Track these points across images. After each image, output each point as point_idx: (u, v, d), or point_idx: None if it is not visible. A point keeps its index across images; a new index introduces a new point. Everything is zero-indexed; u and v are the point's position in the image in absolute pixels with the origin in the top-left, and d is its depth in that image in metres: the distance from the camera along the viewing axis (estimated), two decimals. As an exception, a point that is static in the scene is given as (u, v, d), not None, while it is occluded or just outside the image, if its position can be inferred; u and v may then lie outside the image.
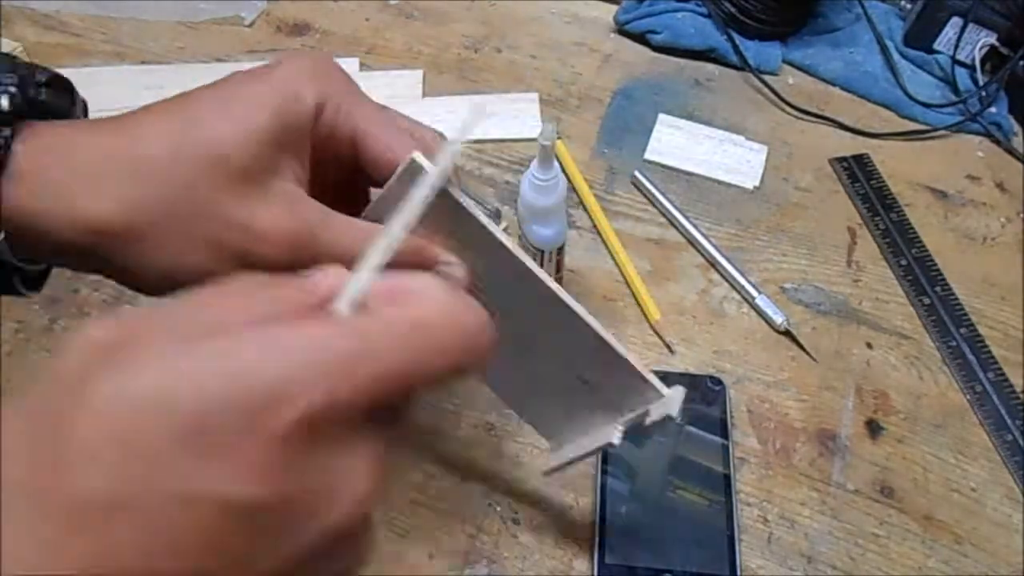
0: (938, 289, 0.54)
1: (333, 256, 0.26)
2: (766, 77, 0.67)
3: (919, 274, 0.55)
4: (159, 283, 0.27)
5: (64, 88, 0.31)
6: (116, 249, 0.27)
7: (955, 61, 0.67)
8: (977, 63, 0.66)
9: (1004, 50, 0.65)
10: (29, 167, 0.26)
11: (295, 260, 0.27)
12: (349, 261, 0.23)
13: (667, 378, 0.48)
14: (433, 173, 0.25)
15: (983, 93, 0.66)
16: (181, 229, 0.27)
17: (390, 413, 0.20)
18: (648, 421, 0.32)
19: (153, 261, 0.27)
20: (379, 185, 0.30)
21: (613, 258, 0.55)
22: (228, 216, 0.27)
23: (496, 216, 0.56)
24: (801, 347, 0.52)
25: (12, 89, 0.27)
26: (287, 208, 0.28)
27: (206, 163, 0.27)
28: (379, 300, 0.21)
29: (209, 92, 0.28)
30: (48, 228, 0.27)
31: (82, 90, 0.71)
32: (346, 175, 0.31)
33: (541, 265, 0.48)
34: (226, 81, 0.29)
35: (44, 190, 0.27)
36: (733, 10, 0.69)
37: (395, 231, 0.22)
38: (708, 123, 0.64)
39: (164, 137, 0.27)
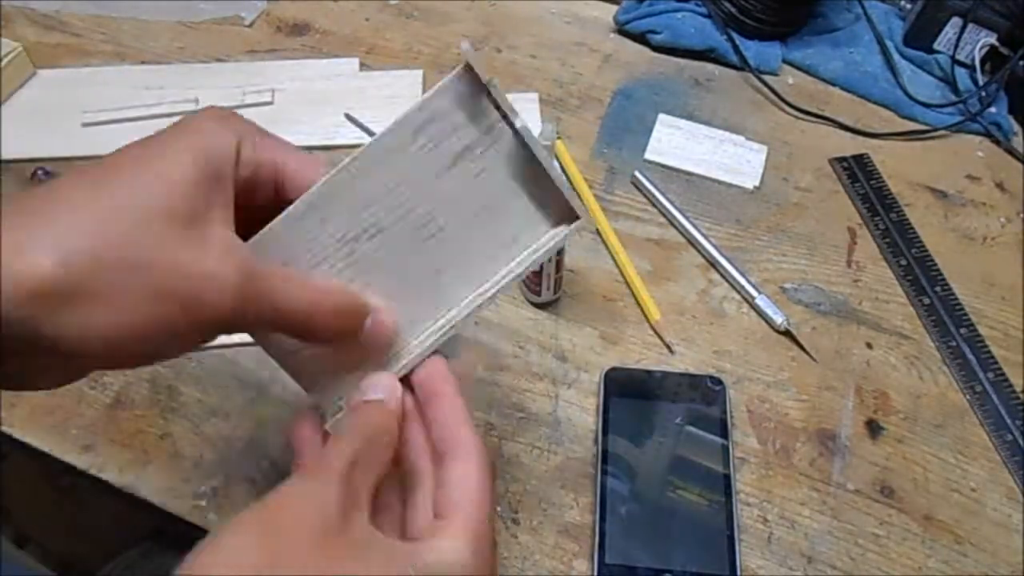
0: (938, 289, 0.54)
1: (274, 303, 0.28)
2: (766, 77, 0.67)
3: (919, 274, 0.55)
4: (100, 350, 0.25)
5: None
6: (53, 317, 0.24)
7: (955, 61, 0.67)
8: (977, 63, 0.66)
9: (1004, 50, 0.65)
10: None
11: (241, 306, 0.27)
12: (289, 314, 0.29)
13: (667, 378, 0.49)
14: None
15: (983, 93, 0.66)
16: (124, 281, 0.25)
17: None
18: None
19: (95, 322, 0.25)
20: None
21: (613, 258, 0.55)
22: (172, 262, 0.26)
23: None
24: (801, 347, 0.52)
25: None
26: (227, 253, 0.27)
27: (142, 213, 0.26)
28: None
29: (134, 150, 0.28)
30: None
31: (82, 90, 0.71)
32: (262, 217, 0.32)
33: (541, 267, 0.48)
34: (147, 139, 0.28)
35: None
36: (733, 10, 0.69)
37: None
38: (708, 123, 0.64)
39: (92, 194, 0.26)
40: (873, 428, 0.48)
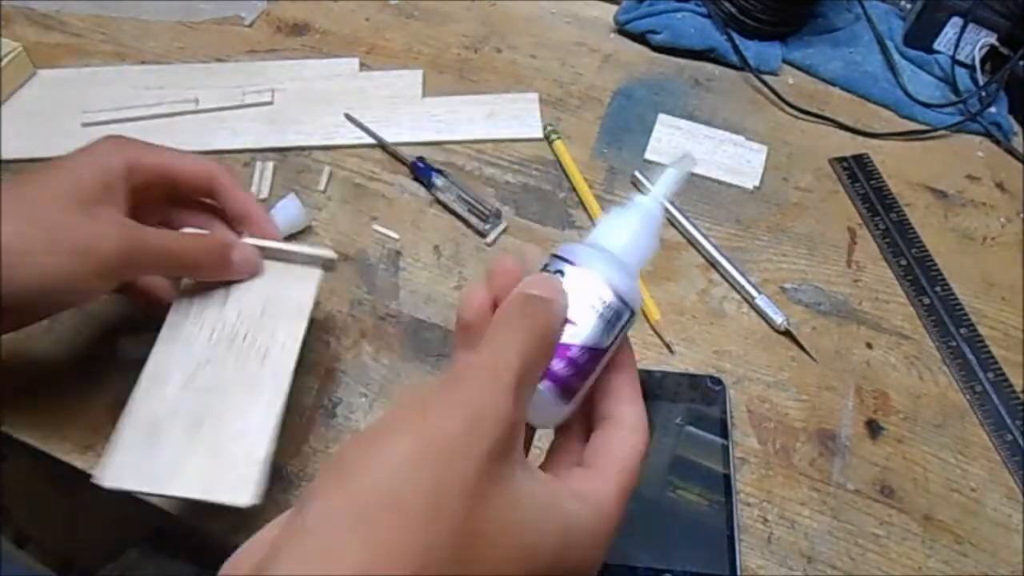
0: (938, 289, 0.54)
1: (156, 254, 0.40)
2: (766, 77, 0.67)
3: (919, 274, 0.55)
4: (34, 299, 0.37)
5: None
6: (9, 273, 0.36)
7: (955, 61, 0.67)
8: (977, 63, 0.66)
9: (1004, 50, 0.65)
10: None
11: (126, 252, 0.38)
12: (167, 259, 0.41)
13: (667, 378, 0.49)
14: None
15: (983, 93, 0.66)
16: (50, 245, 0.37)
17: None
18: None
19: (30, 277, 0.36)
20: (192, 208, 0.46)
21: (613, 258, 0.55)
22: (74, 227, 0.37)
23: (496, 216, 0.56)
24: (801, 347, 0.52)
25: None
26: (112, 222, 0.39)
27: (56, 200, 0.38)
28: None
29: (56, 163, 0.40)
30: None
31: (82, 90, 0.71)
32: (161, 217, 0.45)
33: None
34: (64, 157, 0.40)
35: None
36: (733, 10, 0.69)
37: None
38: (708, 123, 0.64)
39: (23, 191, 0.38)
40: (873, 428, 0.49)
